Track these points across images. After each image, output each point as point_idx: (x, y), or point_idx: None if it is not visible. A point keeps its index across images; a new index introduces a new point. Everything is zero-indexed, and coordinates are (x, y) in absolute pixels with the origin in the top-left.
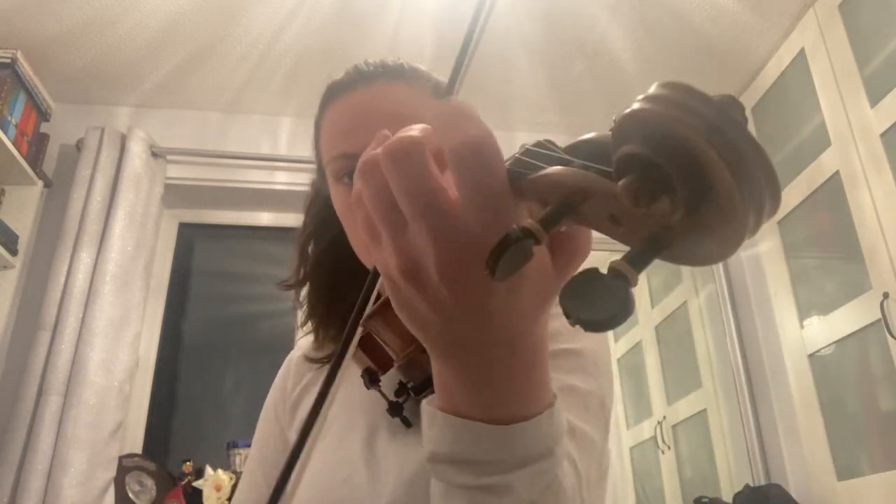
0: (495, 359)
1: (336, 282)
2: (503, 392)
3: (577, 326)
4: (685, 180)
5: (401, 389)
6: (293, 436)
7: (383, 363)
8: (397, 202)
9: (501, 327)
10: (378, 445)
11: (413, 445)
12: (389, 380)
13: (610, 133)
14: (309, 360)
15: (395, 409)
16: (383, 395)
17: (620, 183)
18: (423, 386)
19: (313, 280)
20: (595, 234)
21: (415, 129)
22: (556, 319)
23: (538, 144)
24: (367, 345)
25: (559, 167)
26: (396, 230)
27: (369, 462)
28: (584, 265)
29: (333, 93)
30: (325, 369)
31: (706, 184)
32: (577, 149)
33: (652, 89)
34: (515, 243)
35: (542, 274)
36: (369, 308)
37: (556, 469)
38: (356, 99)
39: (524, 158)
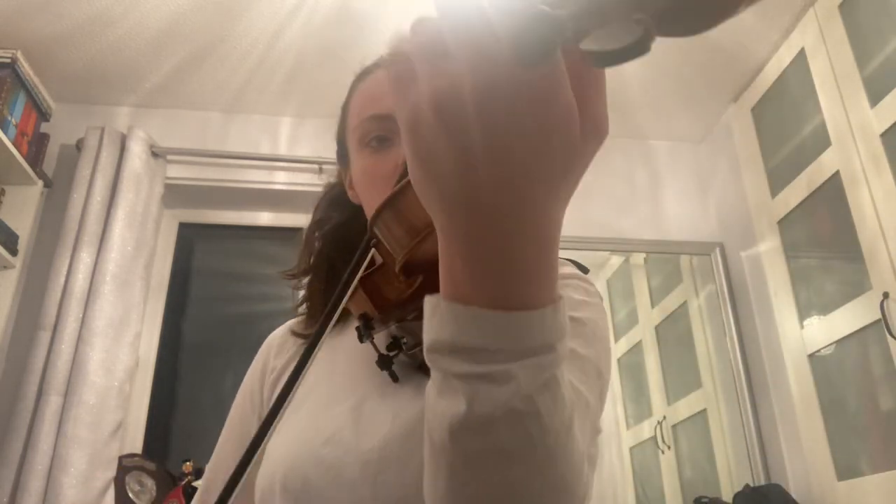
0: (508, 232)
1: (335, 261)
2: (509, 275)
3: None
4: None
5: (393, 344)
6: (268, 404)
7: (381, 300)
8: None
9: (521, 191)
10: (365, 407)
11: (404, 399)
12: (383, 338)
13: None
14: (295, 333)
15: (384, 362)
16: (375, 347)
17: None
18: (417, 345)
19: (318, 267)
20: (598, 235)
21: None
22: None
23: None
24: (367, 282)
25: None
26: (437, 60)
27: (357, 421)
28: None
29: (364, 73)
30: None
31: None
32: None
33: None
34: (539, 20)
35: (569, 131)
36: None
37: (556, 368)
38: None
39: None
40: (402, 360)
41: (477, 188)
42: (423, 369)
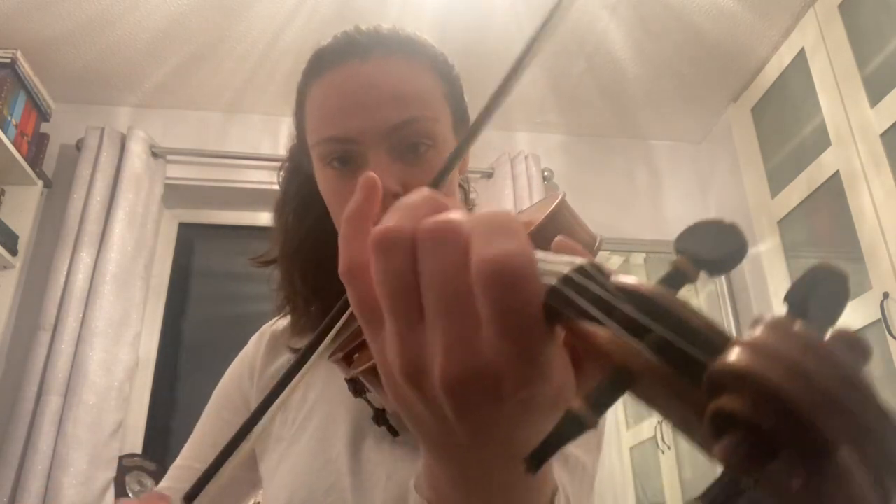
0: (495, 467)
1: (322, 264)
2: (499, 497)
3: None
4: (803, 459)
5: None
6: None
7: (373, 385)
8: (420, 291)
9: (507, 440)
10: (363, 452)
11: (399, 457)
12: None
13: (669, 276)
14: (292, 350)
15: (380, 418)
16: (369, 402)
17: (717, 444)
18: None
19: (298, 259)
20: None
21: (455, 214)
22: None
23: (583, 270)
24: (359, 380)
25: (609, 331)
26: (407, 324)
27: (354, 470)
28: None
29: (323, 63)
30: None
31: (830, 468)
32: (632, 295)
33: (759, 334)
34: (566, 440)
35: (561, 405)
36: (359, 365)
37: None
38: (349, 74)
39: (564, 290)
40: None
41: (456, 440)
42: None
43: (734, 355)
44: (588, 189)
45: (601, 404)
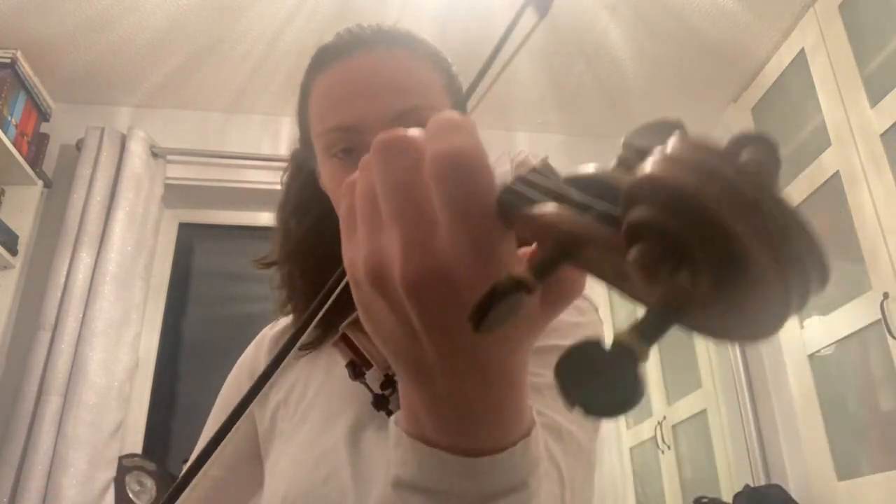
0: (467, 387)
1: (322, 262)
2: (474, 423)
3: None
4: (710, 255)
5: (387, 382)
6: (261, 413)
7: (367, 362)
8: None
9: (474, 355)
10: (363, 440)
11: None
12: (375, 372)
13: (614, 168)
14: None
15: (380, 402)
16: (368, 387)
17: (631, 252)
18: None
19: (297, 259)
20: None
21: (416, 130)
22: None
23: (534, 170)
24: (351, 343)
25: (555, 205)
26: (373, 228)
27: (353, 459)
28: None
29: (326, 58)
30: (307, 355)
31: (737, 261)
32: (579, 182)
33: (669, 148)
34: (504, 297)
35: (527, 309)
36: (350, 316)
37: (531, 501)
38: (353, 66)
39: (516, 186)
40: (398, 397)
41: (423, 352)
42: None
43: (640, 171)
44: None
45: (543, 269)
